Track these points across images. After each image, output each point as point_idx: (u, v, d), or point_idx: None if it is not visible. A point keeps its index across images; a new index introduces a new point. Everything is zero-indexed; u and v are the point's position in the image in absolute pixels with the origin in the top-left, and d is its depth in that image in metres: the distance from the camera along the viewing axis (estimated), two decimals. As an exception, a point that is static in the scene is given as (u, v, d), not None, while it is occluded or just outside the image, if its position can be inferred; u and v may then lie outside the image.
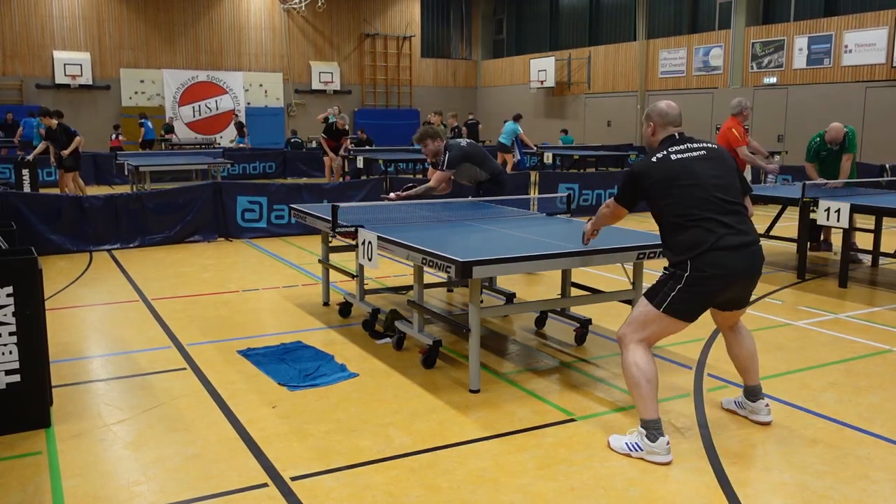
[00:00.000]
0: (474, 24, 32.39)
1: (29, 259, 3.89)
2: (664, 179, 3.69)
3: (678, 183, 3.66)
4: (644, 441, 3.61)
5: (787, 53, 20.43)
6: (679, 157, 3.73)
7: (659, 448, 3.58)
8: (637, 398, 3.66)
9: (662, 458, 3.58)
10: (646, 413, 3.63)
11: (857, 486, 3.37)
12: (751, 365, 4.03)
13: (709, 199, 3.62)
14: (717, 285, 3.61)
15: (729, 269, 3.57)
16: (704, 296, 3.64)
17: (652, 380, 3.63)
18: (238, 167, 18.33)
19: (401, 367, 4.95)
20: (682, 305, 3.63)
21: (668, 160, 3.73)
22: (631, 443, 3.67)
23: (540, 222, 5.86)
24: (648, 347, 3.72)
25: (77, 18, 24.74)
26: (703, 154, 3.76)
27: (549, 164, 18.38)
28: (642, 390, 3.62)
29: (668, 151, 3.76)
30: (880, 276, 8.08)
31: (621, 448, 3.69)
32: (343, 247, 6.55)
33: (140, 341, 5.57)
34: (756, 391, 4.06)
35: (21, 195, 9.46)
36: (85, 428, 3.98)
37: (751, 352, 4.03)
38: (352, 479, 3.42)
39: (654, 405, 3.63)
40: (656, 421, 3.62)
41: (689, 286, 3.59)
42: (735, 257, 3.58)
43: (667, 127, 3.87)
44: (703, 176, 3.66)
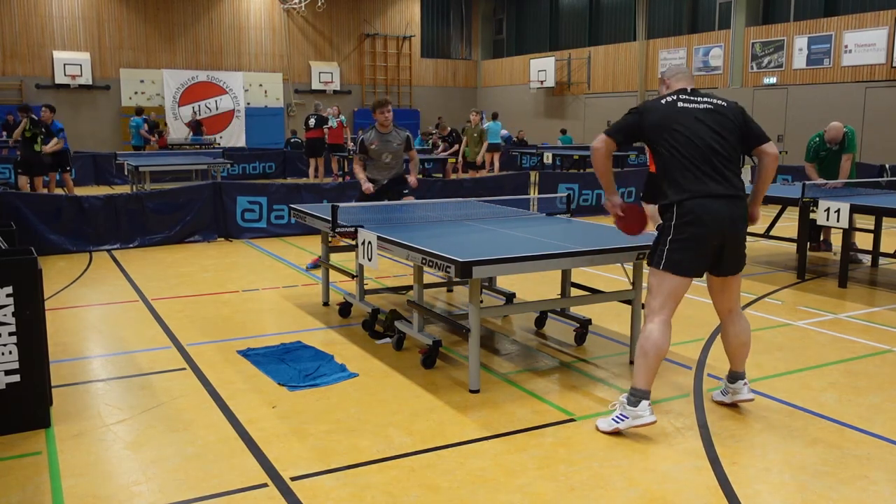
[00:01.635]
0: (474, 24, 32.39)
1: (29, 259, 3.89)
2: (664, 119, 3.81)
3: (675, 128, 3.79)
4: (626, 409, 3.76)
5: (787, 53, 20.44)
6: (685, 105, 3.85)
7: (641, 411, 3.74)
8: (640, 366, 3.77)
9: (647, 419, 3.73)
10: (640, 382, 3.77)
11: (857, 486, 3.37)
12: (741, 352, 4.12)
13: (702, 150, 3.75)
14: (703, 230, 3.70)
15: (713, 212, 3.70)
16: (694, 242, 3.73)
17: (661, 354, 3.75)
18: (238, 167, 18.33)
19: (401, 368, 4.95)
20: (678, 256, 3.74)
21: (675, 106, 3.85)
22: (616, 416, 3.82)
23: (540, 222, 5.86)
24: (669, 318, 3.81)
25: (77, 18, 24.75)
26: (708, 107, 3.86)
27: (548, 164, 18.37)
28: (649, 360, 3.75)
29: (678, 97, 3.89)
30: (880, 276, 8.08)
31: (609, 426, 3.82)
32: (343, 247, 6.55)
33: (140, 341, 5.57)
34: (738, 376, 4.16)
35: (21, 195, 9.46)
36: (85, 428, 3.98)
37: (743, 340, 4.09)
38: (352, 479, 3.42)
39: (652, 377, 3.77)
40: (646, 391, 3.78)
41: (679, 234, 3.72)
42: (718, 205, 3.71)
43: (679, 78, 4.01)
44: (701, 128, 3.79)
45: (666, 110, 3.86)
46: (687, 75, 4.05)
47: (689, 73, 4.07)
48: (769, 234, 8.62)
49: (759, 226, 9.85)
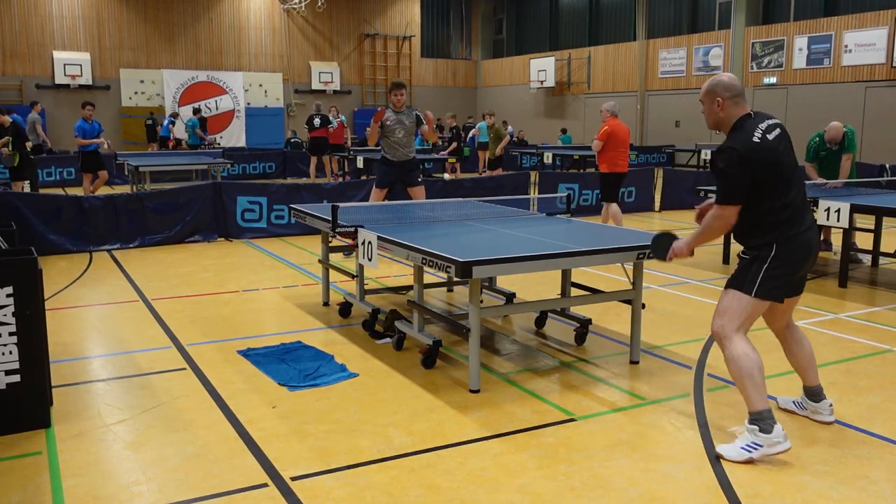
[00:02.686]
0: (474, 24, 32.40)
1: (29, 259, 3.89)
2: (768, 161, 3.53)
3: (777, 164, 3.56)
4: (759, 436, 3.54)
5: (787, 53, 20.44)
6: (772, 135, 3.59)
7: (777, 437, 3.52)
8: (750, 388, 3.56)
9: (783, 446, 3.54)
10: (758, 404, 3.56)
11: (857, 486, 3.37)
12: (810, 365, 3.98)
13: (794, 181, 3.62)
14: (799, 263, 3.63)
15: (807, 246, 3.63)
16: (789, 273, 3.62)
17: (762, 368, 3.59)
18: (238, 167, 18.34)
19: (401, 368, 4.95)
20: (772, 285, 3.59)
21: (767, 140, 3.56)
22: (747, 445, 3.57)
23: (540, 222, 5.86)
24: (746, 333, 3.68)
25: (77, 18, 24.75)
26: (783, 133, 3.68)
27: (548, 163, 18.38)
28: (756, 379, 3.55)
29: (762, 129, 3.58)
30: (880, 276, 8.08)
31: (740, 456, 3.56)
32: (343, 247, 6.56)
33: (140, 341, 5.57)
34: (817, 391, 4.02)
35: (21, 195, 9.45)
36: (85, 428, 3.99)
37: (809, 352, 3.99)
38: (352, 479, 3.42)
39: (765, 393, 3.58)
40: (769, 411, 3.57)
41: (776, 266, 3.57)
42: (810, 236, 3.65)
43: (738, 100, 3.70)
44: (791, 158, 3.68)
45: (766, 149, 3.54)
46: (741, 91, 3.73)
47: (741, 88, 3.74)
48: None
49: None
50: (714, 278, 7.76)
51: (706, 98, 3.76)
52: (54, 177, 17.27)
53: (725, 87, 3.69)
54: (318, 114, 17.01)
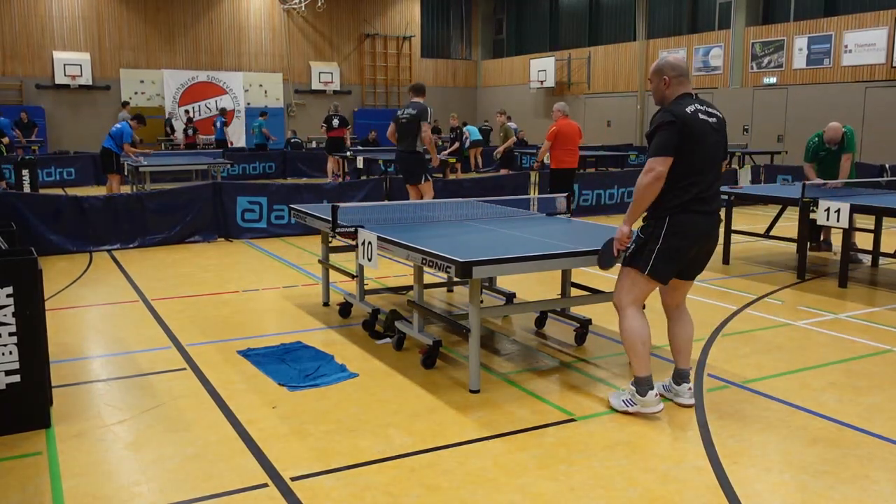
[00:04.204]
0: (474, 25, 32.39)
1: (29, 259, 3.89)
2: (692, 134, 3.82)
3: (697, 141, 3.83)
4: (636, 396, 4.05)
5: (787, 53, 20.44)
6: (703, 118, 3.89)
7: (648, 400, 4.03)
8: (632, 356, 4.04)
9: (653, 408, 4.04)
10: (639, 370, 4.03)
11: (857, 486, 3.37)
12: (685, 347, 4.27)
13: (706, 165, 3.89)
14: (687, 242, 3.91)
15: (698, 229, 3.92)
16: (678, 253, 3.92)
17: (646, 341, 4.01)
18: (238, 167, 18.34)
19: (401, 368, 4.95)
20: (662, 265, 3.92)
21: (697, 117, 3.86)
22: (625, 400, 4.12)
23: (540, 222, 5.86)
24: (641, 309, 4.07)
25: (77, 19, 24.74)
26: (715, 123, 3.94)
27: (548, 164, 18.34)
28: (638, 349, 4.00)
29: (697, 109, 3.88)
30: (880, 276, 8.08)
31: (619, 406, 4.13)
32: (343, 247, 6.55)
33: (140, 341, 5.57)
34: (683, 374, 4.28)
35: (21, 195, 9.46)
36: (85, 428, 3.99)
37: (689, 336, 4.28)
38: (352, 480, 3.42)
39: (646, 363, 4.02)
40: (647, 378, 4.03)
41: (667, 244, 3.88)
42: (702, 221, 3.93)
43: (682, 79, 3.98)
44: (712, 142, 3.90)
45: (694, 122, 3.82)
46: (685, 72, 4.00)
47: (686, 69, 4.03)
48: (769, 234, 8.61)
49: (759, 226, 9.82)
50: (714, 278, 7.76)
51: (654, 77, 4.04)
52: (54, 177, 17.26)
53: (672, 66, 3.99)
54: (336, 114, 17.20)
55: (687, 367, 4.30)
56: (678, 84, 3.96)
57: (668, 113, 3.86)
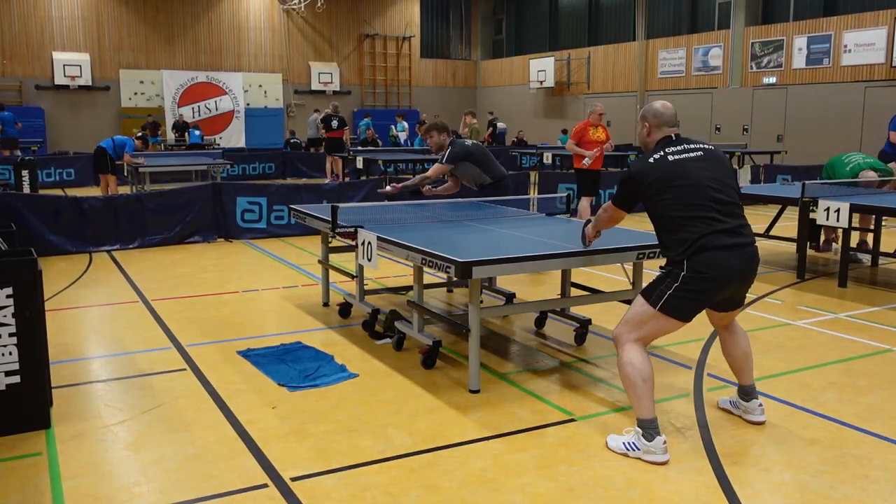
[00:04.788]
0: (474, 25, 32.39)
1: (29, 260, 3.89)
2: (661, 179, 3.67)
3: (675, 183, 3.64)
4: (641, 441, 3.61)
5: (787, 53, 20.44)
6: (676, 157, 3.72)
7: (655, 447, 3.58)
8: (633, 398, 3.66)
9: (659, 457, 3.58)
10: (642, 412, 3.63)
11: (857, 486, 3.37)
12: (744, 364, 4.03)
13: (705, 198, 3.61)
14: (712, 285, 3.59)
15: (724, 268, 3.57)
16: (700, 295, 3.62)
17: (648, 379, 3.62)
18: (237, 168, 18.35)
19: (401, 368, 4.95)
20: (679, 304, 3.61)
21: (665, 161, 3.72)
22: (628, 442, 3.67)
23: (540, 222, 5.86)
24: (644, 346, 3.72)
25: (76, 19, 24.74)
26: (700, 155, 3.74)
27: (548, 164, 18.38)
28: (638, 390, 3.62)
29: (665, 152, 3.75)
30: (880, 275, 8.08)
31: (619, 448, 3.69)
32: (343, 247, 6.55)
33: (140, 342, 5.57)
34: (749, 391, 4.06)
35: (21, 196, 9.46)
36: (85, 429, 3.98)
37: (745, 351, 4.03)
38: (352, 480, 3.42)
39: (650, 404, 3.63)
40: (652, 420, 3.62)
41: (686, 285, 3.58)
42: (730, 257, 3.58)
43: (662, 127, 3.87)
44: (699, 176, 3.65)
45: (659, 170, 3.70)
46: (668, 120, 3.87)
47: (670, 117, 3.88)
48: (769, 234, 8.61)
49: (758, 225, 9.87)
50: (714, 278, 7.75)
51: (640, 121, 4.01)
52: (54, 178, 17.26)
53: (653, 113, 3.90)
54: (336, 115, 17.23)
55: (750, 383, 4.05)
56: (657, 131, 3.87)
57: (627, 172, 3.89)
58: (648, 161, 3.77)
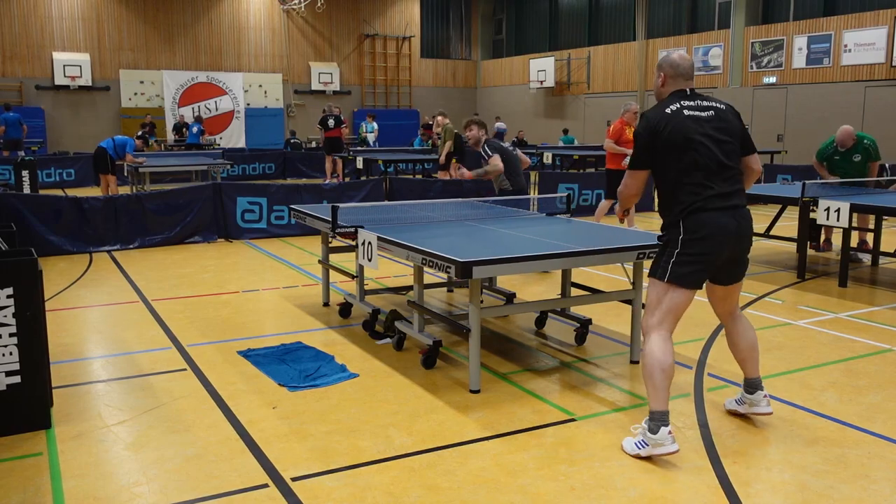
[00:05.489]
0: (474, 25, 32.39)
1: (29, 260, 3.89)
2: (675, 132, 3.63)
3: (684, 142, 3.62)
4: (648, 436, 3.59)
5: (787, 53, 20.44)
6: (691, 113, 3.68)
7: (662, 439, 3.55)
8: (649, 388, 3.63)
9: (667, 448, 3.55)
10: (654, 403, 3.60)
11: (858, 486, 3.37)
12: (750, 356, 3.98)
13: (708, 162, 3.62)
14: (710, 244, 3.61)
15: (719, 227, 3.60)
16: (702, 257, 3.62)
17: (666, 370, 3.58)
18: (238, 168, 18.35)
19: (401, 368, 4.95)
20: (683, 270, 3.62)
21: (681, 115, 3.67)
22: (638, 441, 3.65)
23: (540, 222, 5.86)
24: (669, 334, 3.67)
25: (76, 19, 24.74)
26: (713, 115, 3.71)
27: (548, 163, 18.39)
28: (655, 380, 3.59)
29: (682, 105, 3.70)
30: (880, 275, 8.08)
31: (632, 450, 3.66)
32: (343, 247, 6.56)
33: (140, 342, 5.57)
34: (755, 383, 4.01)
35: (21, 196, 9.45)
36: (85, 429, 3.99)
37: (751, 343, 3.97)
38: (352, 480, 3.42)
39: (664, 395, 3.59)
40: (663, 413, 3.58)
41: (686, 249, 3.61)
42: (722, 216, 3.61)
43: (678, 79, 3.82)
44: (708, 136, 3.64)
45: (674, 122, 3.65)
46: (685, 72, 3.82)
47: (687, 69, 3.82)
48: (769, 234, 8.61)
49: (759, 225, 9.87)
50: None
51: (656, 71, 3.93)
52: (54, 178, 17.27)
53: (670, 63, 3.84)
54: (331, 114, 17.24)
55: (756, 376, 3.99)
56: (673, 82, 3.82)
57: (643, 120, 3.77)
58: (665, 111, 3.69)
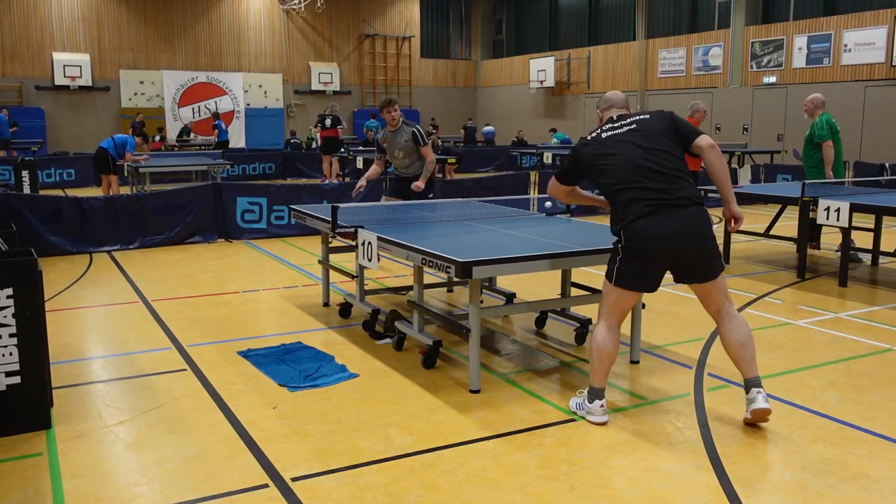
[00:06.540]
0: (474, 25, 32.40)
1: (29, 260, 3.89)
2: (593, 154, 4.03)
3: (606, 160, 3.96)
4: (585, 403, 4.10)
5: (787, 53, 20.44)
6: (610, 133, 4.04)
7: (594, 409, 4.04)
8: (591, 366, 4.07)
9: (597, 418, 4.02)
10: (592, 380, 4.08)
11: (858, 485, 3.37)
12: (741, 355, 3.92)
13: (632, 169, 3.88)
14: (645, 248, 3.82)
15: (654, 231, 3.78)
16: (640, 261, 3.87)
17: (603, 356, 3.99)
18: (238, 168, 18.36)
19: (401, 368, 4.95)
20: (623, 273, 3.92)
21: (599, 138, 4.06)
22: (577, 404, 4.18)
23: (540, 222, 5.86)
24: (615, 321, 4.02)
25: (76, 20, 24.75)
26: (632, 127, 3.99)
27: (548, 164, 18.40)
28: (594, 362, 4.04)
29: (602, 129, 4.10)
30: (880, 274, 8.08)
31: (572, 406, 4.19)
32: (343, 247, 6.56)
33: (140, 342, 5.58)
34: (750, 383, 3.92)
35: (21, 196, 9.46)
36: (85, 429, 3.99)
37: (739, 341, 3.91)
38: (352, 480, 3.42)
39: (600, 376, 4.04)
40: (598, 390, 4.06)
41: (625, 254, 3.89)
42: (657, 221, 3.78)
43: (610, 109, 4.22)
44: (628, 147, 3.96)
45: (593, 146, 4.06)
46: (617, 103, 4.22)
47: (618, 100, 4.23)
48: (769, 234, 8.61)
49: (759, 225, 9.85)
50: (714, 278, 7.75)
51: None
52: (54, 178, 17.27)
53: (604, 100, 4.29)
54: (329, 114, 17.27)
55: (752, 376, 3.91)
56: (606, 112, 4.23)
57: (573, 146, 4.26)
58: (585, 139, 4.15)
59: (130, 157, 13.15)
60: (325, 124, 17.15)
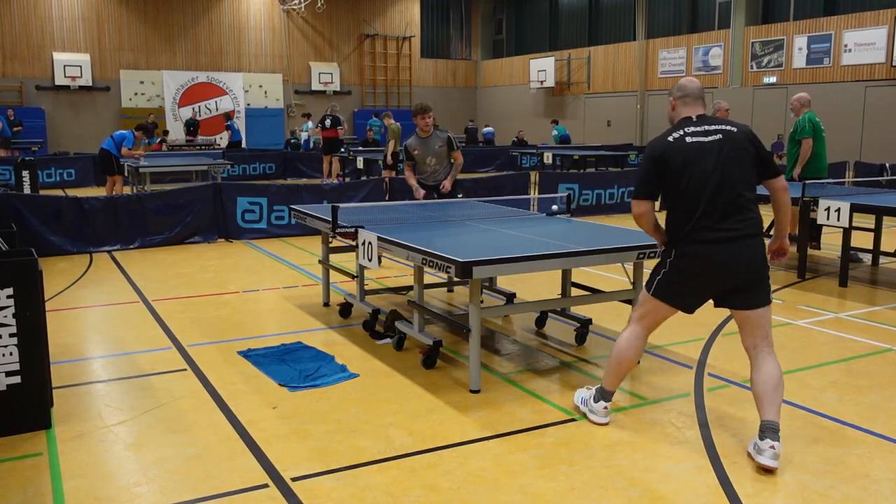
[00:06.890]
0: (474, 25, 32.40)
1: (29, 260, 3.90)
2: (676, 160, 3.62)
3: (685, 169, 3.60)
4: (590, 401, 4.07)
5: (787, 53, 20.45)
6: (692, 139, 3.65)
7: (597, 410, 4.02)
8: (607, 368, 4.04)
9: (598, 418, 4.01)
10: (605, 382, 4.04)
11: (858, 485, 3.37)
12: (762, 396, 3.62)
13: (709, 186, 3.58)
14: (693, 274, 3.68)
15: (705, 259, 3.62)
16: (684, 282, 3.73)
17: (623, 361, 3.94)
18: (238, 168, 18.35)
19: (401, 368, 4.95)
20: (665, 288, 3.78)
21: (683, 142, 3.66)
22: (584, 398, 4.16)
23: (540, 222, 5.86)
24: (644, 329, 3.93)
25: (77, 20, 24.76)
26: (719, 138, 3.64)
27: (548, 164, 18.40)
28: (612, 365, 4.00)
29: (685, 132, 3.69)
30: (880, 275, 8.08)
31: (577, 399, 4.20)
32: (343, 247, 6.56)
33: (140, 342, 5.58)
34: (764, 427, 3.55)
35: (21, 196, 9.46)
36: (85, 429, 3.99)
37: (766, 382, 3.62)
38: (352, 480, 3.42)
39: (614, 380, 4.01)
40: (608, 392, 4.03)
41: (672, 271, 3.75)
42: (711, 250, 3.59)
43: (685, 100, 3.81)
44: (712, 161, 3.58)
45: (675, 150, 3.64)
46: (694, 98, 3.80)
47: (693, 90, 3.81)
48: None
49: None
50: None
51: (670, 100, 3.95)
52: (54, 178, 17.27)
53: (678, 87, 3.88)
54: (329, 114, 17.27)
55: (769, 419, 3.55)
56: (682, 106, 3.81)
57: (647, 149, 3.78)
58: (667, 140, 3.70)
59: (126, 152, 13.11)
60: (325, 124, 17.14)
